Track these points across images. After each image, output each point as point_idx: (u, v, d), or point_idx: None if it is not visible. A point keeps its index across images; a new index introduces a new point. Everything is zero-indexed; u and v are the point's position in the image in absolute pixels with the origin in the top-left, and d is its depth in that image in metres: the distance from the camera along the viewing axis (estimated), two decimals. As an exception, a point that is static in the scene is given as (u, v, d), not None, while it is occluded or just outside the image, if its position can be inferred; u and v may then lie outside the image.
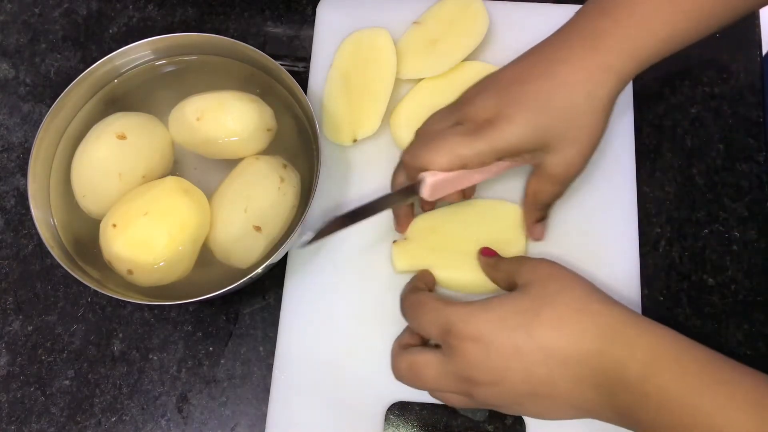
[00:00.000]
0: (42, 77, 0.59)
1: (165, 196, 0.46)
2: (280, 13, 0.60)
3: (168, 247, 0.45)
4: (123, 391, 0.50)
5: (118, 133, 0.48)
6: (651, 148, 0.54)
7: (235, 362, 0.50)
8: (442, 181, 0.44)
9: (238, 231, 0.47)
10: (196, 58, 0.53)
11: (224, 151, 0.49)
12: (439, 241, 0.49)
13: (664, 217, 0.52)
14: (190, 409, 0.49)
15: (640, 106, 0.54)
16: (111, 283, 0.47)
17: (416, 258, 0.49)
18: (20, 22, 0.61)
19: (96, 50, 0.60)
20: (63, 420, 0.49)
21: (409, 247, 0.49)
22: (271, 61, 0.49)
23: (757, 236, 0.51)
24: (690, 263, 0.51)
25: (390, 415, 0.47)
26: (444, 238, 0.49)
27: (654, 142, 0.54)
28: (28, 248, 0.54)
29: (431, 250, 0.49)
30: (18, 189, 0.56)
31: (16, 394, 0.50)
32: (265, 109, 0.50)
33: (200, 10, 0.60)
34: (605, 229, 0.50)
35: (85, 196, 0.48)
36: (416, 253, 0.49)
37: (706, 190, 0.53)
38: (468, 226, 0.50)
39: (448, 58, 0.53)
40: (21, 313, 0.52)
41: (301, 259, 0.51)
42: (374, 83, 0.53)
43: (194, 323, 0.51)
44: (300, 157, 0.50)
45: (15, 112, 0.58)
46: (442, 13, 0.55)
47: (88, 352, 0.51)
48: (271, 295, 0.51)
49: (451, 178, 0.44)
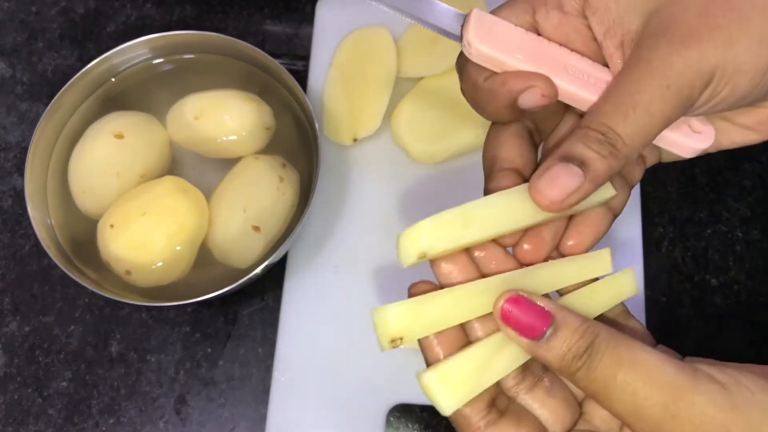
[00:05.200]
0: (39, 76, 0.59)
1: (163, 196, 0.46)
2: (279, 11, 0.60)
3: (166, 248, 0.45)
4: (121, 393, 0.49)
5: (115, 132, 0.48)
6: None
7: (234, 363, 0.50)
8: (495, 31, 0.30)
9: (237, 231, 0.46)
10: (195, 57, 0.52)
11: (223, 151, 0.49)
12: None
13: (667, 217, 0.52)
14: (189, 411, 0.49)
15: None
16: (109, 284, 0.46)
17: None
18: (17, 21, 0.60)
19: (93, 49, 0.59)
20: (60, 422, 0.49)
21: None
22: (270, 60, 0.49)
23: (760, 236, 0.51)
24: (692, 263, 0.50)
25: (391, 417, 0.47)
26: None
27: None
28: (25, 249, 0.53)
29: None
30: (15, 189, 0.55)
31: (13, 396, 0.50)
32: (264, 108, 0.49)
33: (199, 9, 0.60)
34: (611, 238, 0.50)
35: (83, 195, 0.48)
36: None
37: (708, 190, 0.52)
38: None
39: (449, 57, 0.53)
40: (18, 313, 0.52)
41: (301, 259, 0.50)
42: (374, 82, 0.53)
43: (193, 324, 0.51)
44: (299, 157, 0.50)
45: (12, 111, 0.58)
46: (442, 11, 0.55)
47: (85, 354, 0.50)
48: (270, 295, 0.51)
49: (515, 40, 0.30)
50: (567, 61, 0.30)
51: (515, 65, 0.29)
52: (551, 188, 0.27)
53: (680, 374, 0.25)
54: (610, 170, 0.27)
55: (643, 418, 0.25)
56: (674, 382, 0.25)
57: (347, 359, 0.48)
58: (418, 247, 0.28)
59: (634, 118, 0.27)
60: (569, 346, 0.26)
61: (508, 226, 0.29)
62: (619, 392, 0.25)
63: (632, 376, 0.25)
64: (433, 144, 0.51)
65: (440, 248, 0.29)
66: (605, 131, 0.27)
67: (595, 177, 0.27)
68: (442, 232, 0.29)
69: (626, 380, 0.25)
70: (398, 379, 0.47)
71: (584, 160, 0.27)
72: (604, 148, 0.27)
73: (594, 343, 0.26)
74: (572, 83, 0.29)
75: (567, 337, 0.26)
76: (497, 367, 0.29)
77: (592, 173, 0.27)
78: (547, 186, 0.27)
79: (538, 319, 0.27)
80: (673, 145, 0.31)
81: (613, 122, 0.27)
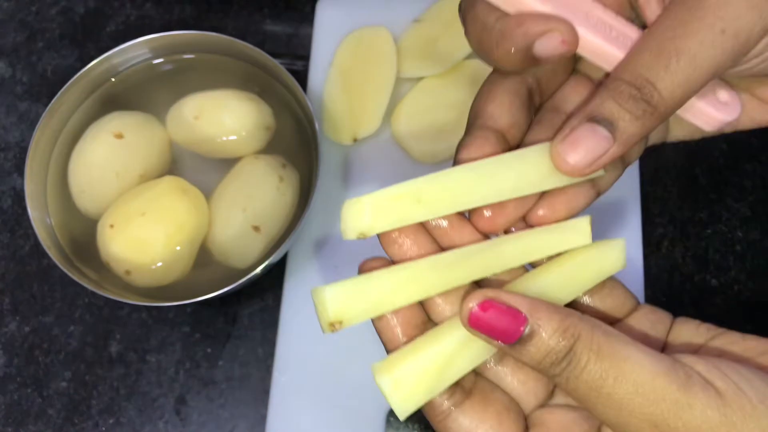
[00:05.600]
0: (39, 76, 0.59)
1: (163, 196, 0.46)
2: (279, 11, 0.60)
3: (166, 248, 0.45)
4: (120, 393, 0.49)
5: (115, 132, 0.48)
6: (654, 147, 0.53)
7: (234, 364, 0.50)
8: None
9: (237, 231, 0.46)
10: (195, 57, 0.52)
11: (223, 150, 0.49)
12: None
13: (667, 217, 0.52)
14: (188, 411, 0.49)
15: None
16: (108, 284, 0.46)
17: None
18: (17, 21, 0.60)
19: (93, 49, 0.59)
20: (60, 422, 0.49)
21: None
22: (270, 60, 0.49)
23: (760, 237, 0.51)
24: (693, 264, 0.50)
25: (391, 417, 0.47)
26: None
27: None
28: (24, 249, 0.53)
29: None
30: (15, 189, 0.55)
31: (12, 396, 0.50)
32: (264, 108, 0.49)
33: (198, 8, 0.60)
34: (608, 229, 0.50)
35: (83, 195, 0.48)
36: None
37: (709, 190, 0.52)
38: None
39: (449, 57, 0.53)
40: (18, 314, 0.52)
41: (301, 259, 0.50)
42: (374, 82, 0.53)
43: (192, 324, 0.51)
44: (299, 157, 0.50)
45: (12, 112, 0.58)
46: (443, 11, 0.55)
47: (85, 354, 0.50)
48: (270, 296, 0.51)
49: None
50: (589, 10, 0.26)
51: (532, 6, 0.26)
52: (574, 152, 0.24)
53: (672, 386, 0.22)
54: (643, 132, 0.24)
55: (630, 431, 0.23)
56: (664, 396, 0.22)
57: (347, 360, 0.48)
58: (357, 225, 0.25)
59: (678, 67, 0.23)
60: (546, 351, 0.23)
61: (465, 204, 0.26)
62: (602, 406, 0.23)
63: (617, 390, 0.22)
64: (433, 144, 0.51)
65: (383, 229, 0.26)
66: (641, 85, 0.24)
67: (626, 140, 0.24)
68: (387, 211, 0.25)
69: (611, 395, 0.22)
70: (398, 379, 0.47)
71: (614, 120, 0.24)
72: (638, 106, 0.24)
73: (574, 348, 0.23)
74: (595, 34, 0.26)
75: (543, 342, 0.23)
76: (462, 363, 0.25)
77: (622, 136, 0.24)
78: (570, 150, 0.24)
79: (511, 322, 0.23)
80: (695, 114, 0.28)
81: (652, 73, 0.23)
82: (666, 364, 0.23)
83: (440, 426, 0.27)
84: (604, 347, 0.23)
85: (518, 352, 0.24)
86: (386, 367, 0.26)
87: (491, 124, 0.27)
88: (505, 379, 0.27)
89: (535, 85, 0.29)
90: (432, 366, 0.25)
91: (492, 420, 0.26)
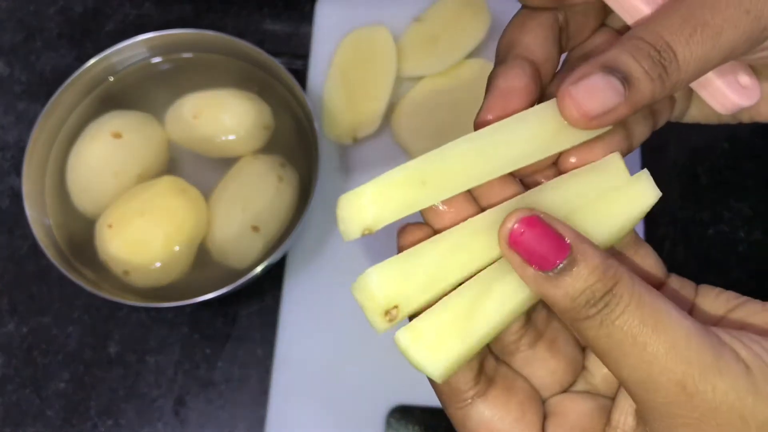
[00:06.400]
0: (37, 75, 0.58)
1: (161, 196, 0.45)
2: (278, 10, 0.59)
3: (165, 248, 0.45)
4: (119, 394, 0.49)
5: (113, 131, 0.47)
6: (655, 146, 0.53)
7: (233, 365, 0.49)
8: None
9: (236, 231, 0.46)
10: (193, 56, 0.52)
11: (221, 150, 0.49)
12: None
13: (669, 217, 0.51)
14: (187, 413, 0.49)
15: (643, 104, 0.54)
16: (107, 285, 0.46)
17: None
18: (15, 20, 0.60)
19: (92, 48, 0.59)
20: (59, 423, 0.49)
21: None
22: (269, 59, 0.49)
23: (762, 237, 0.50)
24: (694, 264, 0.50)
25: (391, 418, 0.47)
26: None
27: (658, 141, 0.53)
28: (22, 249, 0.53)
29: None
30: (12, 189, 0.55)
31: (11, 397, 0.49)
32: (263, 107, 0.49)
33: (197, 7, 0.60)
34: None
35: (81, 195, 0.48)
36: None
37: (710, 190, 0.52)
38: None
39: (450, 56, 0.52)
40: (16, 314, 0.51)
41: (301, 259, 0.50)
42: (374, 81, 0.52)
43: (191, 325, 0.51)
44: (299, 156, 0.50)
45: (10, 111, 0.57)
46: (443, 10, 0.54)
47: (83, 354, 0.50)
48: (270, 296, 0.51)
49: None
50: None
51: None
52: (587, 99, 0.22)
53: (705, 349, 0.21)
54: (653, 96, 0.23)
55: (655, 392, 0.21)
56: (698, 358, 0.21)
57: (347, 361, 0.47)
58: (361, 220, 0.23)
59: (700, 39, 0.23)
60: (583, 287, 0.21)
61: (475, 179, 0.24)
62: (633, 358, 0.21)
63: (653, 342, 0.21)
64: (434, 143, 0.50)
65: (390, 220, 0.23)
66: (662, 48, 0.23)
67: (637, 100, 0.23)
68: (391, 199, 0.23)
69: (646, 346, 0.21)
70: (398, 380, 0.46)
71: (630, 75, 0.23)
72: (655, 68, 0.23)
73: (614, 289, 0.21)
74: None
75: (583, 276, 0.21)
76: (486, 313, 0.23)
77: (634, 94, 0.23)
78: (583, 95, 0.23)
79: (552, 247, 0.22)
80: (714, 95, 0.27)
81: (675, 39, 0.23)
82: (700, 327, 0.22)
83: (459, 413, 0.25)
84: (644, 296, 0.22)
85: (553, 283, 0.22)
86: (408, 327, 0.23)
87: (527, 54, 0.26)
88: (534, 365, 0.26)
89: (565, 25, 0.28)
90: (456, 312, 0.22)
91: (516, 412, 0.25)
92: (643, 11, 0.25)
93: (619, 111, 0.23)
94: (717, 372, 0.21)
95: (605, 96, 0.23)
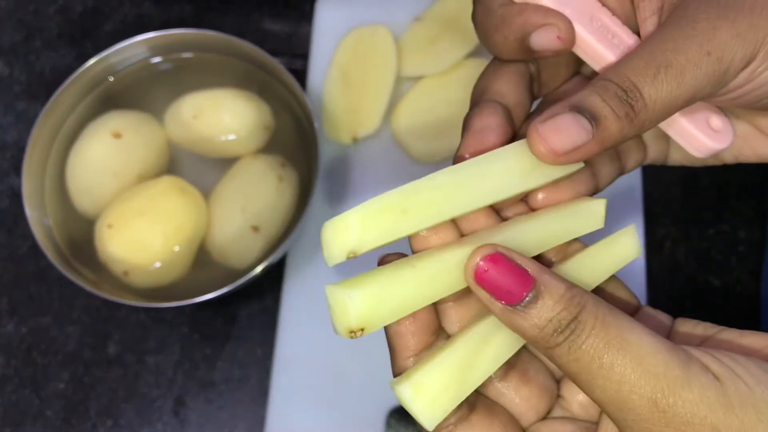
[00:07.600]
0: (37, 75, 0.58)
1: (161, 196, 0.45)
2: (278, 9, 0.59)
3: (164, 248, 0.45)
4: (119, 395, 0.49)
5: (113, 131, 0.47)
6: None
7: (233, 365, 0.49)
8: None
9: (236, 231, 0.46)
10: (193, 56, 0.52)
11: (221, 150, 0.49)
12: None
13: (669, 217, 0.51)
14: (187, 413, 0.49)
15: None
16: (106, 285, 0.46)
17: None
18: (15, 20, 0.60)
19: (91, 47, 0.59)
20: (58, 423, 0.49)
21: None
22: (269, 59, 0.49)
23: (762, 237, 0.50)
24: (695, 264, 0.50)
25: (391, 419, 0.47)
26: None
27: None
28: (22, 249, 0.53)
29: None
30: (12, 189, 0.55)
31: (10, 397, 0.49)
32: (263, 107, 0.49)
33: (197, 7, 0.60)
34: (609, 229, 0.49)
35: (80, 195, 0.48)
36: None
37: (711, 190, 0.52)
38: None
39: (450, 56, 0.52)
40: (15, 314, 0.51)
41: (301, 259, 0.50)
42: (374, 81, 0.52)
43: (191, 325, 0.51)
44: (298, 156, 0.50)
45: (9, 111, 0.57)
46: (443, 10, 0.54)
47: (83, 355, 0.50)
48: (269, 296, 0.51)
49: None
50: (594, 13, 0.27)
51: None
52: (555, 136, 0.24)
53: (672, 363, 0.22)
54: (621, 135, 0.24)
55: (628, 410, 0.22)
56: (665, 373, 0.21)
57: (347, 361, 0.47)
58: (345, 244, 0.24)
59: (665, 79, 0.24)
60: (550, 317, 0.22)
61: (453, 211, 0.25)
62: (602, 379, 0.22)
63: (620, 361, 0.22)
64: (433, 143, 0.51)
65: (373, 245, 0.24)
66: (628, 88, 0.24)
67: (605, 138, 0.24)
68: (374, 225, 0.24)
69: (613, 366, 0.22)
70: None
71: (597, 114, 0.24)
72: (622, 107, 0.24)
73: (579, 316, 0.22)
74: (594, 37, 0.26)
75: (549, 307, 0.22)
76: (482, 366, 0.24)
77: (602, 133, 0.24)
78: (551, 132, 0.24)
79: (517, 282, 0.23)
80: (687, 139, 0.28)
81: (640, 79, 0.24)
82: (667, 343, 0.22)
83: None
84: (609, 318, 0.22)
85: (520, 316, 0.22)
86: (406, 377, 0.24)
87: (499, 99, 0.27)
88: (507, 395, 0.26)
89: (537, 74, 0.29)
90: (453, 371, 0.24)
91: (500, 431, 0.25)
92: (609, 59, 0.26)
93: (587, 148, 0.24)
94: (686, 384, 0.21)
95: (572, 133, 0.24)
